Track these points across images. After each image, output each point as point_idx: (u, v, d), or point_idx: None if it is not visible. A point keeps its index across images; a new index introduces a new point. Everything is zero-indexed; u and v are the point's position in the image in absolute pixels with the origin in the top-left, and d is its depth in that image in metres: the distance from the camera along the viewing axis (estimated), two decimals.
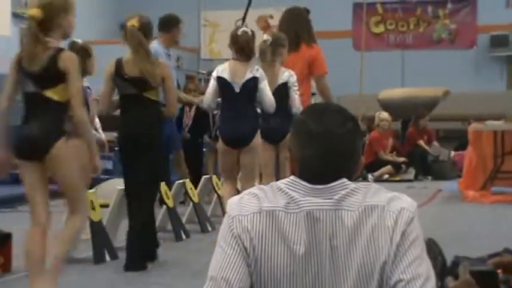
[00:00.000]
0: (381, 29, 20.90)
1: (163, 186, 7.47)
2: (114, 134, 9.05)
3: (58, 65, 4.34)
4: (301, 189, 1.94)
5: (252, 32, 6.59)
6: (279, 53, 6.93)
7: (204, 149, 11.06)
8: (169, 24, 7.79)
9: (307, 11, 7.89)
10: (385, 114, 14.60)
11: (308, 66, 7.36)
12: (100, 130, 8.59)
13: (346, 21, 20.39)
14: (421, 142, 14.76)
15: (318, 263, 1.89)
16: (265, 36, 7.04)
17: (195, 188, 8.10)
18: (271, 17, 21.87)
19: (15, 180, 10.62)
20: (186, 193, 7.99)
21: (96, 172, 4.89)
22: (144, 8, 23.62)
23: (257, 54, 6.79)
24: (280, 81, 6.86)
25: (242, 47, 6.41)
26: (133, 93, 5.79)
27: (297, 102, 6.83)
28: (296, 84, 6.90)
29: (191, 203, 8.01)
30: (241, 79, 6.39)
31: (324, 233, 1.90)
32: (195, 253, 6.62)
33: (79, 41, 7.10)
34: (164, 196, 7.40)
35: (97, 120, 8.42)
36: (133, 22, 5.98)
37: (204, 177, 8.71)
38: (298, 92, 6.90)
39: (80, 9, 15.86)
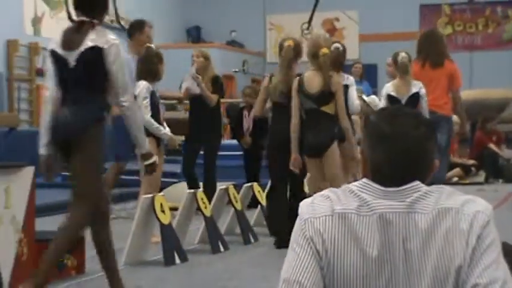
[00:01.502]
0: (448, 30, 20.63)
1: (231, 189, 7.53)
2: (181, 138, 9.17)
3: (331, 88, 6.51)
4: (374, 192, 1.94)
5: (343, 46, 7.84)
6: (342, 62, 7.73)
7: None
8: (132, 30, 8.00)
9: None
10: (454, 117, 14.38)
11: (449, 80, 8.00)
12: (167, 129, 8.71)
13: (413, 22, 20.20)
14: (492, 145, 14.52)
15: (391, 266, 1.89)
16: (337, 45, 7.74)
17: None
18: (337, 19, 21.82)
19: None
20: (254, 196, 8.03)
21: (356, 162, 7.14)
22: (209, 14, 23.84)
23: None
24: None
25: (334, 61, 7.17)
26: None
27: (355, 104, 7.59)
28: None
29: (259, 206, 8.05)
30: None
31: (397, 235, 1.89)
32: (264, 256, 6.65)
33: (153, 46, 7.53)
34: (232, 199, 7.45)
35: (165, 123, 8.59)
36: (290, 42, 7.15)
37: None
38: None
39: (147, 15, 16.15)
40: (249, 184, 8.11)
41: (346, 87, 7.34)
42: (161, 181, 9.20)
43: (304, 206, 2.00)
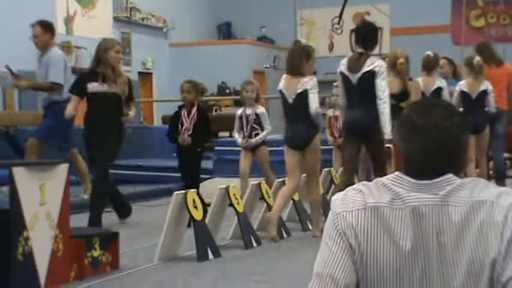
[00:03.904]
0: (481, 22, 20.43)
1: (263, 184, 7.54)
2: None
3: (407, 89, 8.07)
4: (406, 185, 1.93)
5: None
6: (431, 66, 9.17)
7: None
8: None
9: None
10: None
11: (509, 78, 9.97)
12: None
13: (445, 15, 20.04)
14: None
15: (425, 259, 1.88)
16: (428, 52, 9.17)
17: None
18: (368, 13, 21.71)
19: (120, 180, 10.94)
20: None
21: None
22: (240, 10, 23.87)
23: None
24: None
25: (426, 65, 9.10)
26: (394, 104, 7.39)
27: None
28: None
29: (291, 202, 8.05)
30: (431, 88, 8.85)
31: (431, 228, 1.88)
32: (296, 251, 6.65)
33: (302, 40, 7.83)
34: (265, 194, 7.46)
35: None
36: (402, 60, 8.29)
37: (302, 175, 8.71)
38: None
39: (178, 12, 16.10)
40: (282, 179, 8.11)
41: (440, 89, 8.88)
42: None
43: (336, 200, 1.99)
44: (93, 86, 7.48)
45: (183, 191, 6.34)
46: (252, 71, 20.54)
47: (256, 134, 8.99)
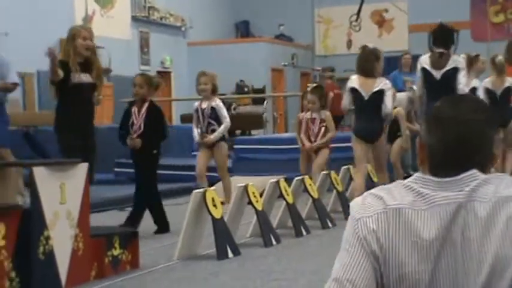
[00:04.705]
0: (500, 18, 20.30)
1: (282, 182, 7.55)
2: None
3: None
4: (429, 184, 1.90)
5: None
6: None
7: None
8: None
9: None
10: None
11: None
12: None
13: (463, 11, 19.93)
14: None
15: (449, 257, 1.86)
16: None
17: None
18: (386, 10, 21.64)
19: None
20: (306, 189, 8.03)
21: None
22: (257, 8, 23.89)
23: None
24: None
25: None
26: None
27: None
28: None
29: (311, 200, 8.05)
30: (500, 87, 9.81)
31: (456, 226, 1.85)
32: (316, 249, 6.65)
33: (370, 45, 8.22)
34: (284, 192, 7.46)
35: None
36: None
37: (322, 173, 8.72)
38: None
39: (196, 10, 16.12)
40: (300, 177, 8.11)
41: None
42: (213, 176, 9.31)
43: (355, 205, 1.97)
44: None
45: (202, 189, 6.35)
46: (270, 69, 20.54)
47: (213, 130, 8.56)
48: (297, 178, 8.09)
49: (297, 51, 21.55)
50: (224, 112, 8.62)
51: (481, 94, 9.59)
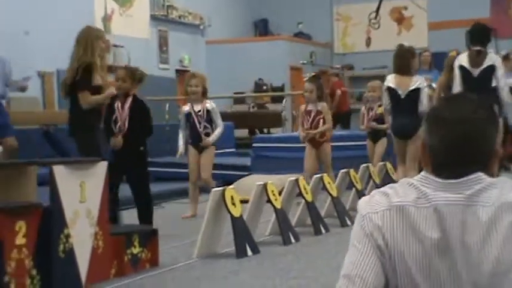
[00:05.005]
0: None
1: (301, 180, 7.54)
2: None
3: None
4: (432, 184, 1.90)
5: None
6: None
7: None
8: None
9: None
10: None
11: None
12: None
13: (483, 8, 19.82)
14: None
15: (450, 257, 1.86)
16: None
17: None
18: (405, 8, 21.56)
19: (158, 178, 11.01)
20: (325, 187, 8.02)
21: None
22: (276, 6, 23.83)
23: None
24: None
25: None
26: None
27: None
28: None
29: (330, 197, 8.04)
30: None
31: (455, 228, 1.86)
32: (335, 247, 6.64)
33: (405, 43, 8.66)
34: (303, 190, 7.46)
35: None
36: (453, 54, 9.45)
37: (341, 171, 8.71)
38: None
39: (217, 9, 16.14)
40: (320, 175, 8.11)
41: None
42: (231, 174, 9.32)
43: (362, 202, 1.99)
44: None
45: (221, 188, 6.35)
46: (289, 67, 20.53)
47: (207, 134, 8.39)
48: (316, 176, 8.09)
49: (316, 50, 21.51)
50: (219, 116, 8.49)
51: (506, 90, 9.53)
